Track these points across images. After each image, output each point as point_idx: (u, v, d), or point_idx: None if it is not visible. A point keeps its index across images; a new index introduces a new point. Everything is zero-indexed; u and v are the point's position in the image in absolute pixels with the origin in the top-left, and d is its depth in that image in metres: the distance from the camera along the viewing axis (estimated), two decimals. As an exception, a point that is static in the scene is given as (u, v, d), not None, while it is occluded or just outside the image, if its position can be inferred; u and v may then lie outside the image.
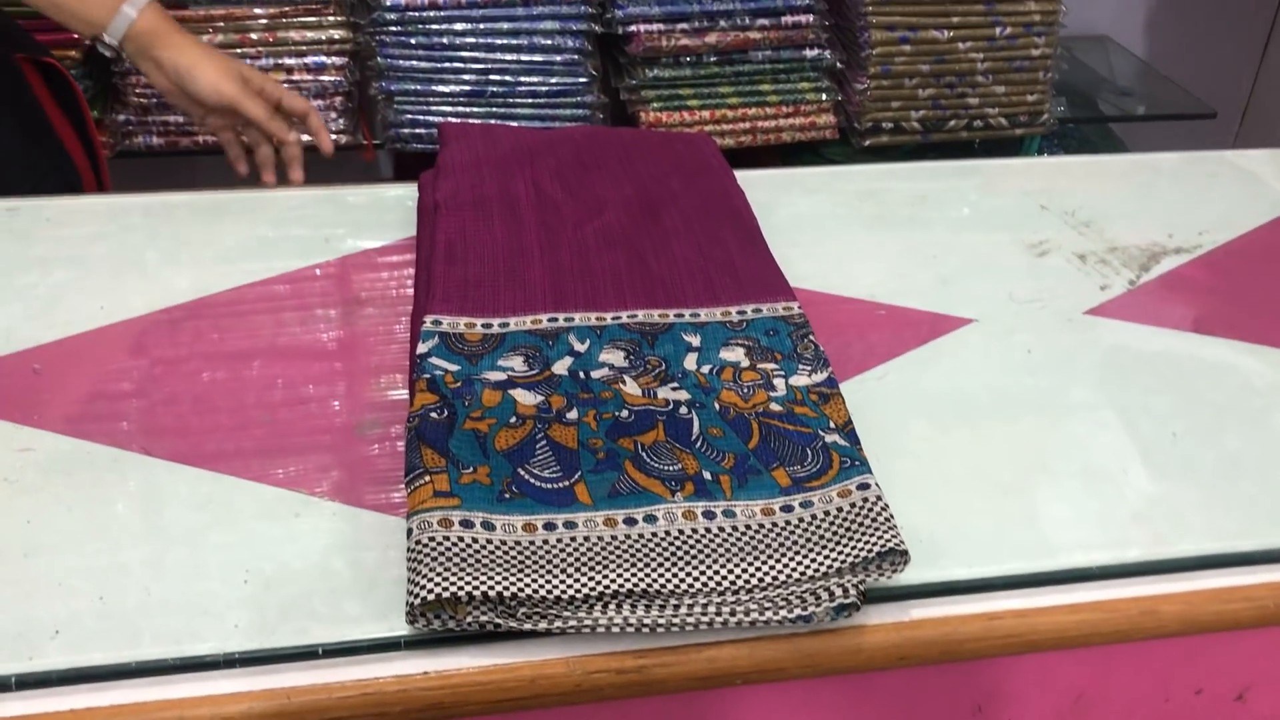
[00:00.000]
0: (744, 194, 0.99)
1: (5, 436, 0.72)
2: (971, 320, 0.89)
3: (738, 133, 1.89)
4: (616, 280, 0.85)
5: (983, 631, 0.63)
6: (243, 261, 0.91)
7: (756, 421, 0.72)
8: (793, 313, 0.83)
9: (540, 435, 0.70)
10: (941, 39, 1.85)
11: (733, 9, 1.80)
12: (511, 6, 1.76)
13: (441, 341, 0.77)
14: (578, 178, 0.97)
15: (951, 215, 1.04)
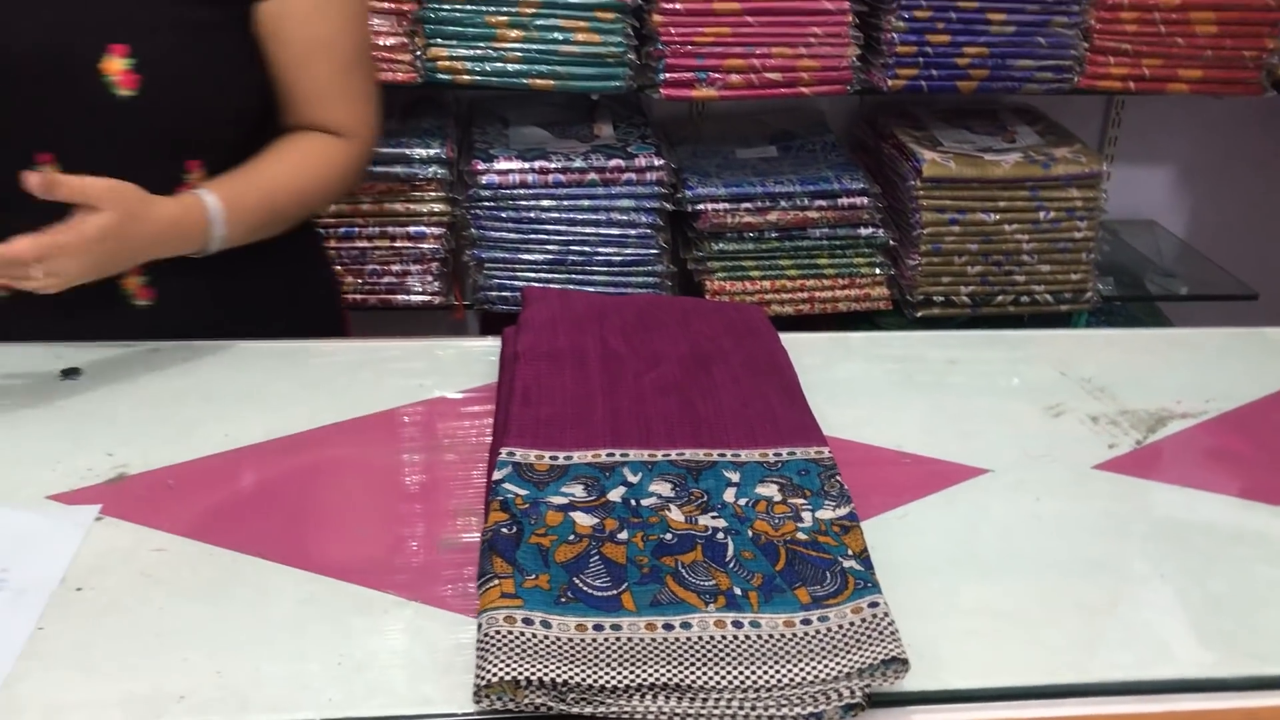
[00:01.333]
0: (787, 354, 1.11)
1: (143, 538, 0.85)
2: (987, 470, 0.99)
3: (796, 302, 2.03)
4: (668, 423, 0.97)
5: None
6: (350, 400, 1.05)
7: (784, 548, 0.83)
8: (823, 456, 0.94)
9: (594, 551, 0.81)
10: (989, 221, 1.99)
11: (793, 191, 1.96)
12: (592, 186, 1.94)
13: (514, 470, 0.89)
14: (639, 336, 1.11)
15: (976, 378, 1.15)
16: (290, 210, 1.20)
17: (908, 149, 2.03)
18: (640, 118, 2.13)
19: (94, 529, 0.85)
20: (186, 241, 1.10)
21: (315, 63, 1.17)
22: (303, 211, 1.22)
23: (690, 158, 2.09)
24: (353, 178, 1.25)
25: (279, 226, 1.20)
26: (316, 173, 1.20)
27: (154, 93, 1.07)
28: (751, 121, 2.24)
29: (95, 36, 1.06)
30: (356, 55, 1.21)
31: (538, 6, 1.82)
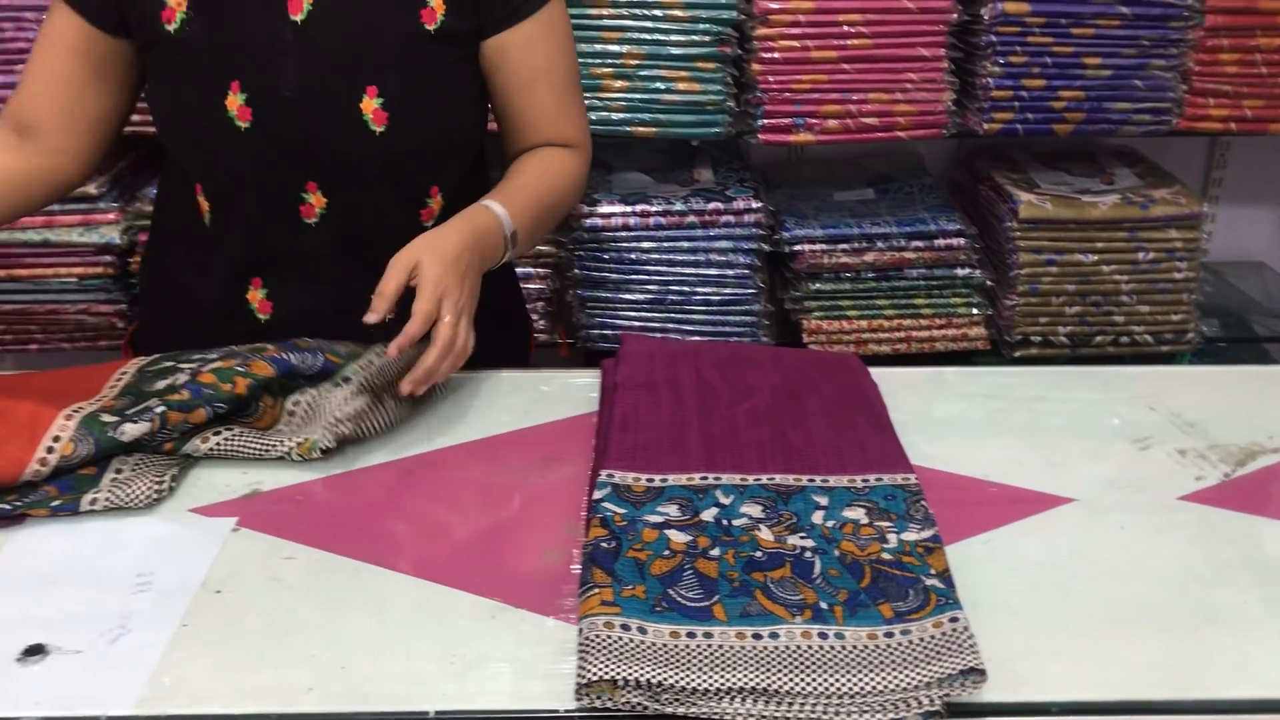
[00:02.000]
0: (877, 387, 1.16)
1: (274, 547, 0.93)
2: (1072, 500, 1.02)
3: (893, 341, 2.05)
4: (760, 449, 1.02)
5: (1050, 745, 0.75)
6: (462, 426, 1.12)
7: (869, 566, 0.87)
8: (909, 483, 0.98)
9: (688, 566, 0.86)
10: (1086, 262, 2.00)
11: (889, 232, 2.00)
12: (691, 228, 2.00)
13: (613, 490, 0.95)
14: (733, 369, 1.16)
15: (1066, 412, 1.18)
16: (554, 212, 1.30)
17: (1004, 191, 2.05)
18: (739, 162, 2.19)
19: (230, 539, 0.94)
20: (494, 243, 1.18)
21: (539, 87, 1.28)
22: (559, 215, 1.33)
23: (788, 200, 2.14)
24: (583, 185, 1.35)
25: (546, 230, 1.31)
26: (563, 179, 1.30)
27: (401, 126, 1.19)
28: (849, 164, 2.29)
29: (353, 80, 1.18)
30: (570, 76, 1.31)
31: (641, 58, 1.90)
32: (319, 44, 1.18)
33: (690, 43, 1.89)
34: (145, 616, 0.84)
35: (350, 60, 1.18)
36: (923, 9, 1.88)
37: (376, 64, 1.18)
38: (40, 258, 1.92)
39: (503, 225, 1.20)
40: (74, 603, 0.86)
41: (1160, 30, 1.91)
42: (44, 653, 0.80)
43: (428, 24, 1.20)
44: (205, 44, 1.16)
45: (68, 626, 0.83)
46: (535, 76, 1.27)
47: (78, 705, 0.76)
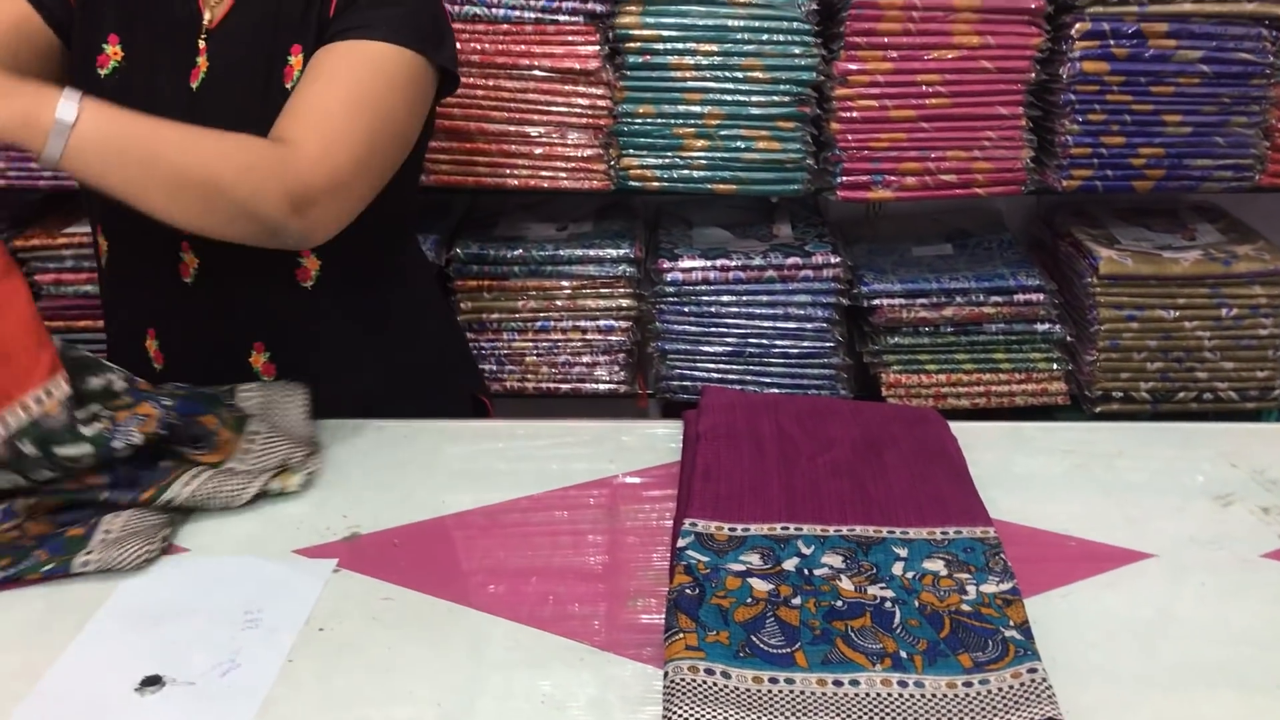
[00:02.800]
0: (956, 441, 1.18)
1: (373, 588, 0.97)
2: (1152, 555, 1.03)
3: (973, 395, 2.06)
4: (840, 501, 1.05)
5: (1129, 797, 0.76)
6: (547, 476, 1.16)
7: (949, 617, 0.89)
8: (989, 536, 1.00)
9: (770, 614, 0.89)
10: (1168, 318, 2.00)
11: (968, 287, 2.02)
12: (770, 282, 2.04)
13: (696, 539, 0.98)
14: (814, 421, 1.19)
15: (1146, 467, 1.18)
16: (187, 167, 1.09)
17: (1084, 247, 2.06)
18: (818, 217, 2.22)
19: (332, 579, 0.98)
20: (35, 103, 1.04)
21: (306, 82, 1.19)
22: (206, 179, 1.09)
23: (866, 255, 2.17)
24: (267, 178, 1.11)
25: (165, 176, 1.08)
26: (211, 148, 1.11)
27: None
28: (928, 220, 2.31)
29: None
30: (352, 96, 1.17)
31: (722, 118, 1.95)
32: (205, 108, 1.21)
33: (770, 103, 1.93)
34: (254, 651, 0.89)
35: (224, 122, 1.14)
36: (1001, 69, 1.91)
37: (246, 123, 1.15)
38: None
39: (56, 103, 1.04)
40: (187, 637, 0.91)
41: (1241, 87, 1.91)
42: (160, 683, 0.85)
43: (287, 83, 1.23)
44: (121, 97, 1.12)
45: (182, 659, 0.88)
46: (312, 77, 1.19)
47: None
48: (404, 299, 1.42)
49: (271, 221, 1.12)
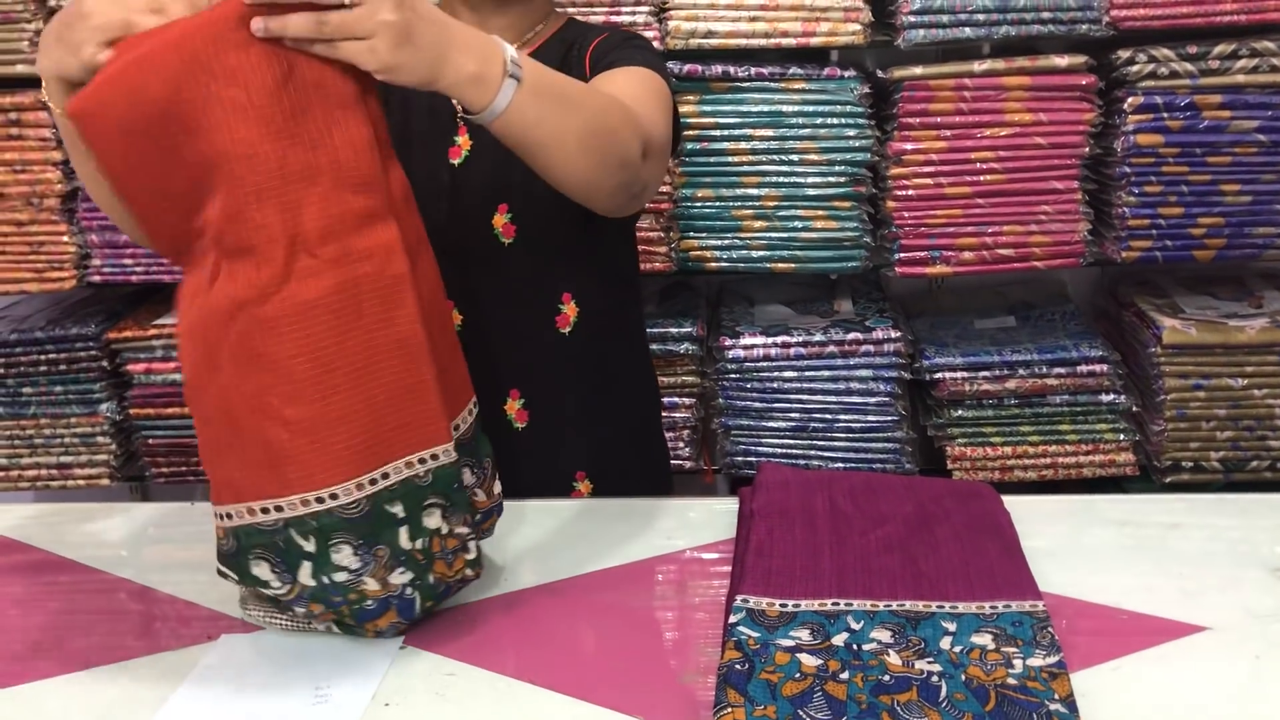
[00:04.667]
0: (1009, 515, 1.19)
1: (438, 665, 1.01)
2: (1206, 628, 1.03)
3: (1039, 467, 2.06)
4: (890, 577, 1.07)
5: None
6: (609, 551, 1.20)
7: (994, 691, 0.90)
8: (1037, 610, 1.01)
9: (818, 689, 0.91)
10: (1236, 386, 1.98)
11: (1030, 359, 2.03)
12: (832, 358, 2.07)
13: (748, 615, 1.01)
14: (866, 497, 1.21)
15: (1201, 539, 1.18)
16: (592, 111, 1.10)
17: (1147, 317, 2.06)
18: (878, 293, 2.25)
19: (399, 656, 1.02)
20: (485, 55, 0.99)
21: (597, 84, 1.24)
22: (603, 124, 1.11)
23: (928, 329, 2.19)
24: (631, 123, 1.14)
25: (580, 121, 1.08)
26: (617, 102, 1.15)
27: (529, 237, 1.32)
28: (990, 293, 2.33)
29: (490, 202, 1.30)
30: (641, 91, 1.23)
31: (779, 199, 2.00)
32: (469, 180, 1.32)
33: (826, 184, 1.98)
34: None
35: (489, 188, 1.30)
36: (1054, 144, 1.94)
37: (509, 188, 1.30)
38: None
39: (505, 52, 1.00)
40: (262, 711, 0.95)
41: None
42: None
43: None
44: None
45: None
46: (601, 82, 1.25)
47: (265, 805, 0.85)
48: (638, 355, 1.51)
49: (635, 167, 1.14)
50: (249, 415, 0.92)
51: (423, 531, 0.98)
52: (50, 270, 2.12)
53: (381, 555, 0.96)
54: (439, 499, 0.98)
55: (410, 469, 0.96)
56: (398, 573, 0.98)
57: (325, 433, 0.92)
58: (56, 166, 2.07)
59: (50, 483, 2.21)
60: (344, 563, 0.95)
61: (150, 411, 2.15)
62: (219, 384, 0.93)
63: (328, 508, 0.93)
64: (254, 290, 0.91)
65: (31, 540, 1.28)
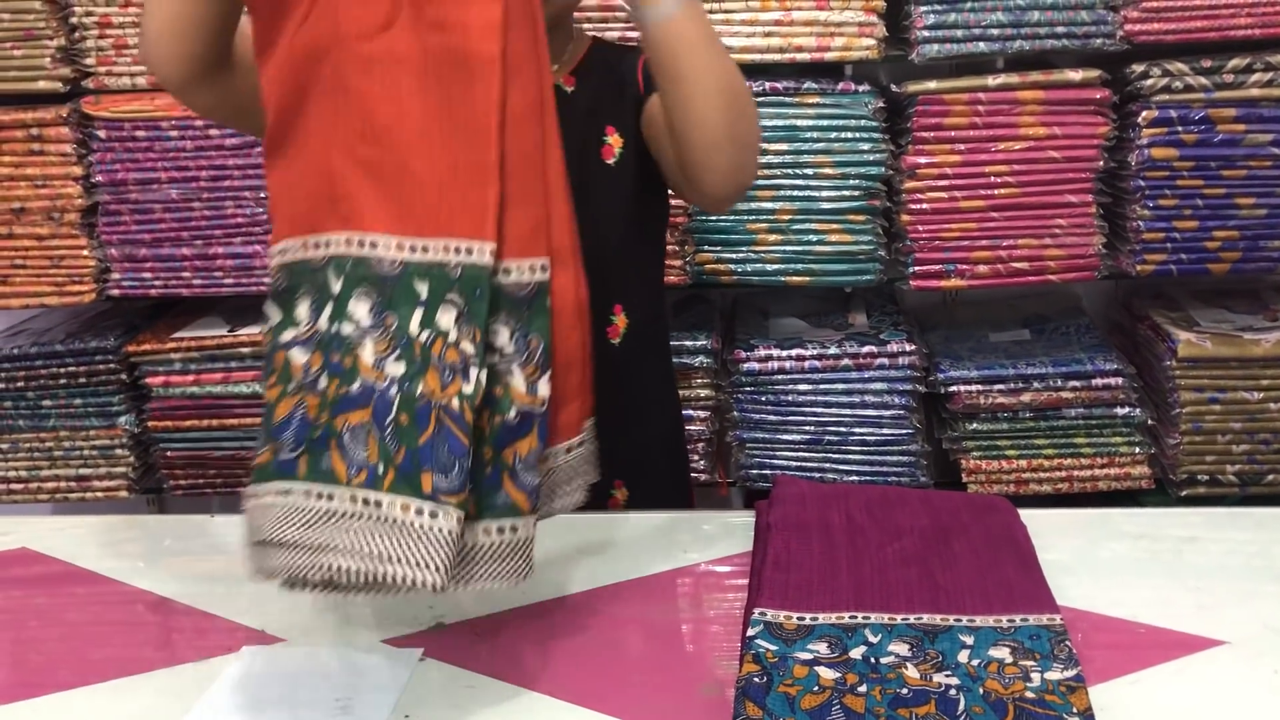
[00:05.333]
0: (1025, 529, 1.19)
1: (457, 676, 1.02)
2: (1224, 642, 1.03)
3: (1054, 480, 2.06)
4: (908, 590, 1.07)
5: None
6: (625, 565, 1.20)
7: (1012, 704, 0.90)
8: (1055, 623, 1.01)
9: (836, 702, 0.91)
10: (1252, 400, 1.98)
11: (1045, 372, 2.03)
12: (846, 370, 2.07)
13: (765, 628, 1.01)
14: (883, 511, 1.21)
15: (1218, 553, 1.18)
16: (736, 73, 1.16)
17: (1162, 330, 2.06)
18: (892, 306, 2.26)
19: (418, 668, 1.03)
20: None
21: None
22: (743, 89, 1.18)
23: (943, 342, 2.19)
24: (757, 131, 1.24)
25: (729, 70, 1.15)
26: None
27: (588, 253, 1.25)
28: (1005, 306, 2.33)
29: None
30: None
31: (794, 213, 2.00)
32: None
33: (840, 197, 1.99)
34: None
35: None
36: (1069, 158, 1.94)
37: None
38: (249, 408, 2.12)
39: None
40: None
41: (1315, 168, 1.92)
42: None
43: (608, 159, 1.35)
44: None
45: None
46: None
47: (287, 816, 0.86)
48: (669, 366, 1.54)
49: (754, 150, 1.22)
50: (324, 149, 0.94)
51: (432, 325, 0.91)
52: (70, 284, 2.14)
53: (389, 324, 0.91)
54: (458, 298, 0.91)
55: (445, 254, 0.91)
56: (392, 359, 0.91)
57: (387, 181, 0.92)
58: (77, 181, 2.09)
59: (69, 495, 2.23)
60: (357, 314, 0.92)
61: (169, 424, 2.17)
62: (301, 120, 0.96)
63: (365, 254, 0.92)
64: (357, 25, 0.93)
65: (52, 551, 1.29)
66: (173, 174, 2.07)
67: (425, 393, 0.89)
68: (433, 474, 0.87)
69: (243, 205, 2.07)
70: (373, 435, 0.90)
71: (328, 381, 0.92)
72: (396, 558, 0.87)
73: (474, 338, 0.89)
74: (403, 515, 0.88)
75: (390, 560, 0.87)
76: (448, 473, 0.86)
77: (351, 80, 0.94)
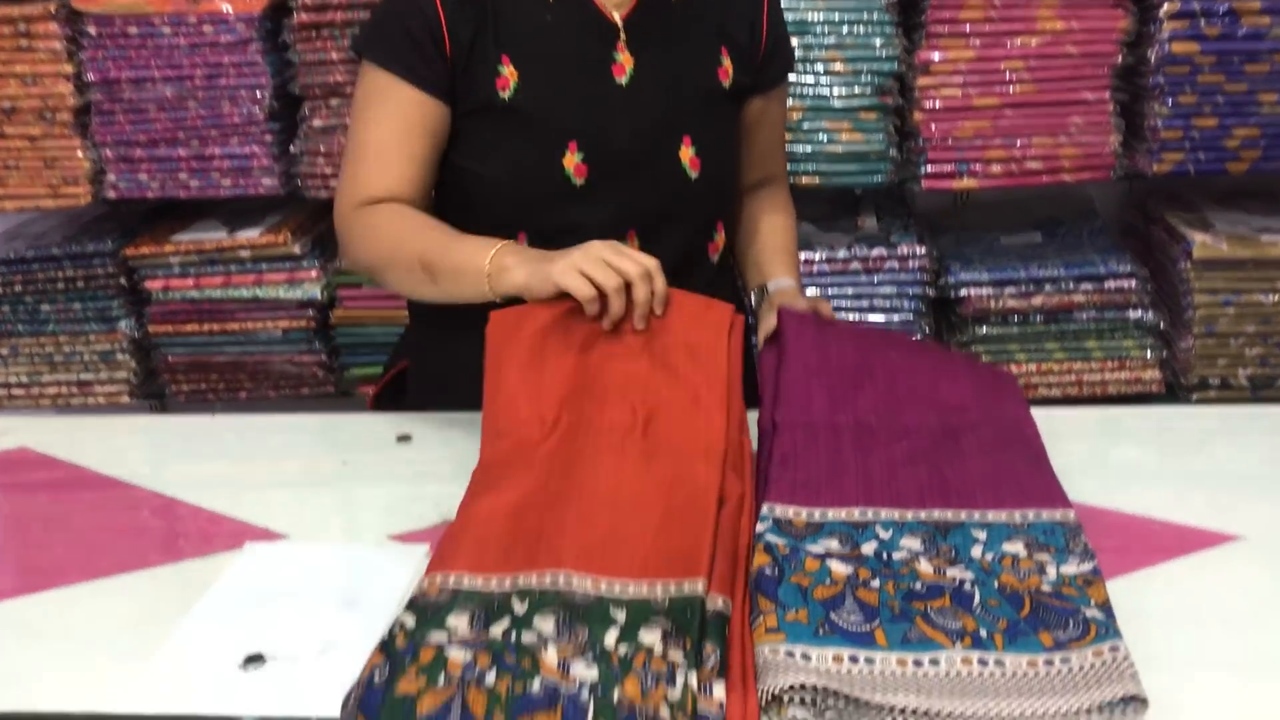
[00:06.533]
0: (1035, 424, 1.17)
1: (464, 572, 1.00)
2: (1240, 537, 1.01)
3: (1064, 385, 2.04)
4: (918, 487, 1.05)
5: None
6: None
7: (1029, 597, 0.89)
8: (1069, 519, 1.00)
9: (849, 594, 0.90)
10: (1267, 303, 1.95)
11: (1057, 275, 1.99)
12: (856, 274, 2.04)
13: (775, 524, 0.99)
14: (889, 408, 1.18)
15: (1235, 450, 1.17)
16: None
17: (1177, 232, 2.02)
18: (903, 208, 2.22)
19: (424, 563, 1.02)
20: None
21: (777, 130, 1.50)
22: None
23: (954, 245, 2.16)
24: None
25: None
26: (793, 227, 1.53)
27: (711, 171, 1.35)
28: (1016, 208, 2.29)
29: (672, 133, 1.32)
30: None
31: (804, 110, 1.95)
32: (642, 102, 1.30)
33: (852, 94, 1.94)
34: (350, 631, 0.92)
35: (670, 115, 1.32)
36: (1085, 54, 1.88)
37: (690, 118, 1.32)
38: (250, 312, 2.10)
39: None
40: (288, 619, 0.95)
41: (1341, 62, 1.86)
42: (263, 661, 0.90)
43: (724, 81, 1.35)
44: (540, 109, 1.28)
45: (283, 639, 0.92)
46: (778, 121, 1.49)
47: (292, 708, 0.85)
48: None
49: None
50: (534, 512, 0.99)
51: (633, 640, 0.84)
52: (65, 186, 2.10)
53: (579, 636, 0.85)
54: (666, 620, 0.85)
55: (649, 591, 0.89)
56: (583, 664, 0.82)
57: (596, 536, 0.96)
58: (69, 79, 2.04)
59: (70, 399, 2.21)
60: (543, 627, 0.85)
61: (169, 328, 2.14)
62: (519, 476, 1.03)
63: (559, 588, 0.89)
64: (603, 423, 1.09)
65: (55, 453, 1.27)
66: (166, 72, 2.01)
67: (624, 699, 0.79)
68: None
69: (239, 105, 2.02)
70: None
71: (497, 679, 0.80)
72: None
73: (685, 646, 0.82)
74: None
75: None
76: None
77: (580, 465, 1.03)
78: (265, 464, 1.26)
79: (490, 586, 0.90)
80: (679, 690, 0.79)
